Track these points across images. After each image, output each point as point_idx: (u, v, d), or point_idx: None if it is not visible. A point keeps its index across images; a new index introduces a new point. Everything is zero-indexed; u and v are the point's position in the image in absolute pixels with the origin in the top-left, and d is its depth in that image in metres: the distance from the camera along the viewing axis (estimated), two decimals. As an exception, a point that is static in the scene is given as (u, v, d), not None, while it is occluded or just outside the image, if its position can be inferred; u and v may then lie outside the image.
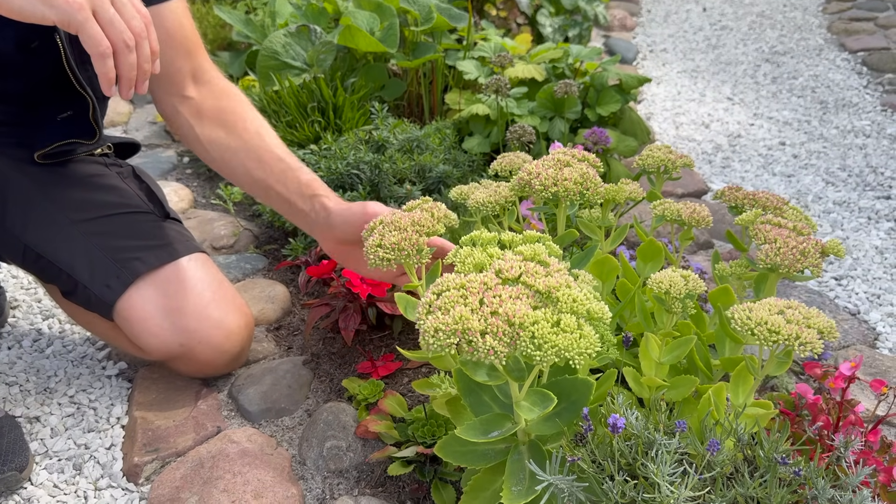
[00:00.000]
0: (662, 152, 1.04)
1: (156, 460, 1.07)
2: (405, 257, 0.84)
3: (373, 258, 0.84)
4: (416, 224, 0.85)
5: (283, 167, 1.11)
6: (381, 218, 0.89)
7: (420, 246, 0.84)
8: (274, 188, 1.11)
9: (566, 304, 0.67)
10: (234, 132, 1.15)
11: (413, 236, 0.84)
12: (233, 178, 1.16)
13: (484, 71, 1.90)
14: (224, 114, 1.16)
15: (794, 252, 0.83)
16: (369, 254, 0.84)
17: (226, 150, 1.14)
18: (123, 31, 0.85)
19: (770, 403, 0.83)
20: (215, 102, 1.17)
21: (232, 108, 1.17)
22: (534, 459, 0.82)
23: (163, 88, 1.17)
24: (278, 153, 1.13)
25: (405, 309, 0.90)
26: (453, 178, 1.64)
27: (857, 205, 1.88)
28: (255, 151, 1.13)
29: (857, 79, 2.77)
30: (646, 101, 2.58)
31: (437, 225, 0.87)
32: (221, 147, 1.15)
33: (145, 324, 1.11)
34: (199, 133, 1.15)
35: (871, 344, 1.36)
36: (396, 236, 0.83)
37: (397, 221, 0.86)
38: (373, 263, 0.84)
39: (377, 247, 0.84)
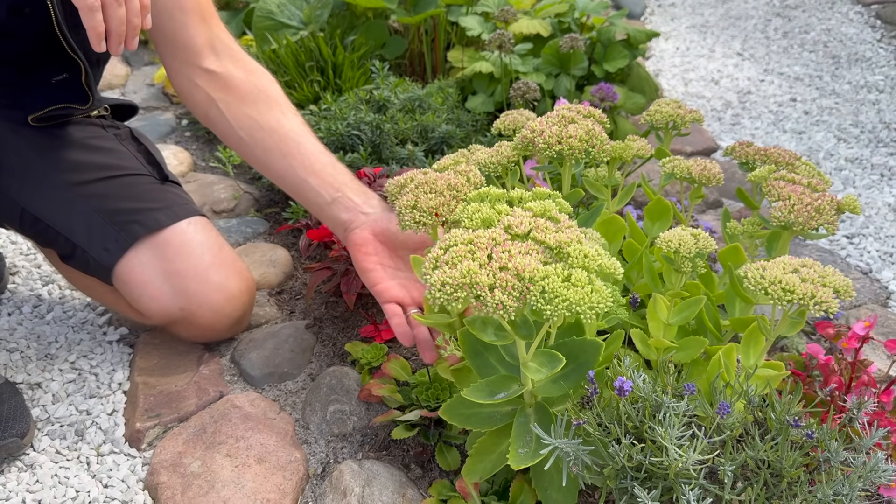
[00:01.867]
0: (671, 107, 1.01)
1: (158, 426, 1.06)
2: (441, 222, 0.81)
3: (407, 219, 0.81)
4: (453, 188, 0.82)
5: (328, 160, 1.06)
6: (411, 175, 0.85)
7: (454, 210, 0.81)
8: (317, 177, 1.04)
9: (577, 260, 0.65)
10: (269, 113, 1.08)
11: (451, 202, 0.81)
12: (261, 161, 1.09)
13: (487, 27, 1.85)
14: (257, 92, 1.10)
15: (809, 209, 0.80)
16: (403, 214, 0.81)
17: (258, 130, 1.08)
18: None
19: (781, 365, 0.81)
20: (245, 77, 1.11)
21: (265, 87, 1.11)
22: (540, 422, 0.80)
23: (178, 58, 1.11)
24: (321, 147, 1.08)
25: (415, 267, 0.87)
26: (456, 138, 1.60)
27: (870, 161, 1.84)
28: (293, 138, 1.07)
29: (870, 32, 2.70)
30: (654, 58, 2.52)
31: (472, 190, 0.84)
32: (253, 126, 1.08)
33: (145, 287, 1.09)
34: (224, 109, 1.09)
35: (883, 303, 1.33)
36: (434, 200, 0.80)
37: (432, 183, 0.82)
38: (405, 225, 0.81)
39: (412, 208, 0.81)
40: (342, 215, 1.02)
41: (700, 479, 0.68)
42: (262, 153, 1.08)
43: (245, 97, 1.09)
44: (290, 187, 1.08)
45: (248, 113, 1.09)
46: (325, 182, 1.04)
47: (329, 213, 1.04)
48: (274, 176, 1.10)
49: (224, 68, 1.10)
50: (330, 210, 1.03)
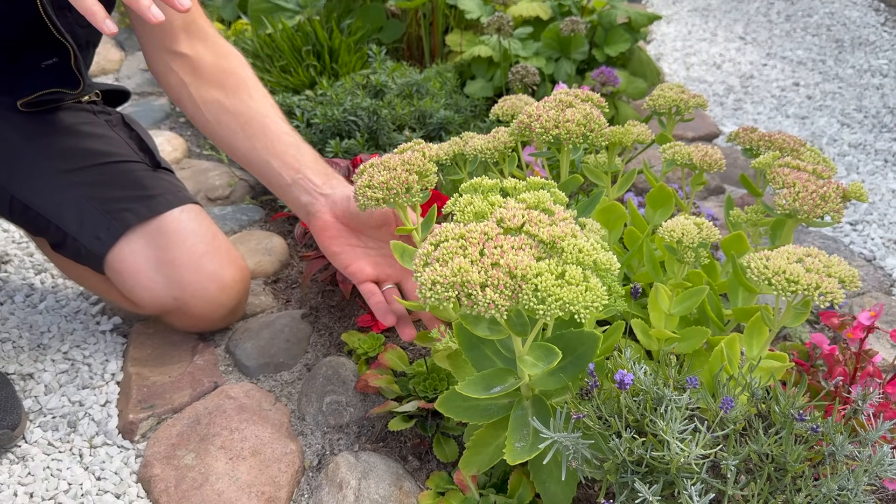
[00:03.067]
0: (674, 91, 0.98)
1: (151, 417, 1.05)
2: (394, 196, 0.79)
3: (362, 199, 0.80)
4: (406, 163, 0.81)
5: (292, 141, 1.05)
6: (371, 161, 0.84)
7: (409, 184, 0.80)
8: (279, 158, 1.03)
9: (571, 255, 0.63)
10: (235, 96, 1.07)
11: (402, 174, 0.79)
12: (227, 143, 1.08)
13: (486, 10, 1.81)
14: (225, 74, 1.09)
15: (815, 196, 0.78)
16: (358, 195, 0.80)
17: (223, 112, 1.06)
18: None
19: (786, 356, 0.79)
20: (215, 60, 1.09)
21: (233, 69, 1.10)
22: (538, 415, 0.79)
23: (154, 41, 1.09)
24: (286, 128, 1.07)
25: (401, 257, 0.86)
26: (455, 123, 1.58)
27: (874, 147, 1.82)
28: (259, 120, 1.05)
29: (874, 16, 2.67)
30: (655, 41, 2.49)
31: (428, 164, 0.82)
32: (219, 108, 1.07)
33: (137, 277, 1.07)
34: (193, 91, 1.08)
35: (888, 291, 1.32)
36: (385, 175, 0.79)
37: (387, 162, 0.81)
38: (362, 205, 0.80)
39: (366, 187, 0.80)
40: (302, 198, 1.00)
41: (702, 473, 0.66)
42: (228, 135, 1.07)
43: (213, 79, 1.08)
44: (255, 169, 1.07)
45: (215, 96, 1.07)
46: (287, 164, 1.02)
47: (290, 195, 1.02)
48: (239, 158, 1.08)
49: (194, 51, 1.09)
50: (291, 192, 1.02)
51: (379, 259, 0.99)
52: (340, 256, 0.98)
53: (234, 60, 1.12)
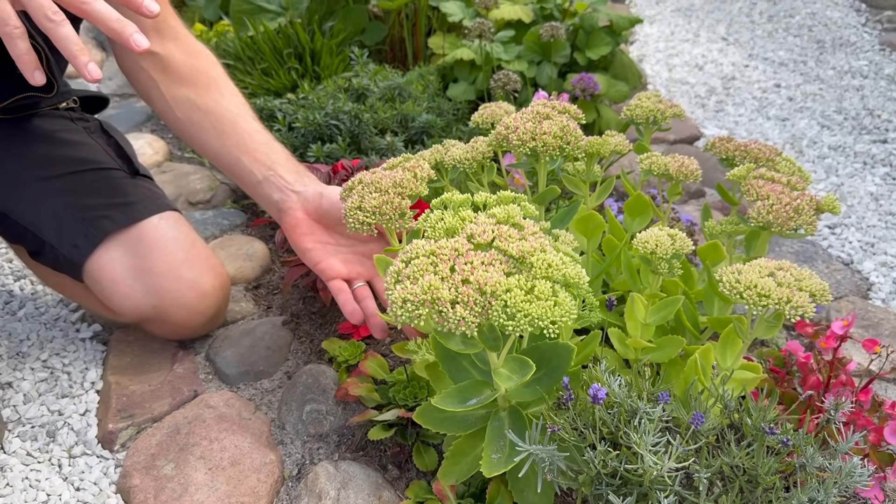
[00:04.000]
0: (651, 101, 0.99)
1: (131, 426, 1.04)
2: (387, 222, 0.79)
3: (352, 221, 0.80)
4: (398, 186, 0.80)
5: (263, 139, 1.05)
6: (360, 177, 0.84)
7: (402, 210, 0.80)
8: (250, 155, 1.03)
9: (541, 270, 0.63)
10: (206, 94, 1.07)
11: (395, 199, 0.79)
12: (198, 141, 1.08)
13: (469, 12, 1.81)
14: (196, 73, 1.09)
15: (788, 209, 0.78)
16: (348, 216, 0.80)
17: (194, 111, 1.06)
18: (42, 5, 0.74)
19: (759, 367, 0.80)
20: (185, 59, 1.09)
21: (204, 69, 1.10)
22: (514, 426, 0.79)
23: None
24: (257, 126, 1.07)
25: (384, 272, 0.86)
26: (437, 127, 1.58)
27: (853, 149, 1.84)
28: (229, 118, 1.05)
29: (855, 16, 2.69)
30: (638, 42, 2.50)
31: (420, 186, 0.82)
32: (189, 107, 1.07)
33: (116, 285, 1.07)
34: (164, 90, 1.07)
35: (864, 295, 1.33)
36: (378, 199, 0.79)
37: (378, 182, 0.81)
38: (352, 227, 0.80)
39: (356, 209, 0.79)
40: (274, 195, 1.00)
41: (675, 485, 0.67)
42: (199, 133, 1.07)
43: (184, 78, 1.08)
44: (226, 167, 1.06)
45: (186, 94, 1.07)
46: (258, 160, 1.02)
47: (261, 192, 1.02)
48: (210, 156, 1.08)
49: (166, 50, 1.08)
50: (262, 189, 1.02)
51: (350, 256, 1.00)
52: (311, 253, 0.99)
53: (205, 59, 1.12)
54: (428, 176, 0.83)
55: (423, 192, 0.82)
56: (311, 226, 0.99)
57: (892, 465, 0.87)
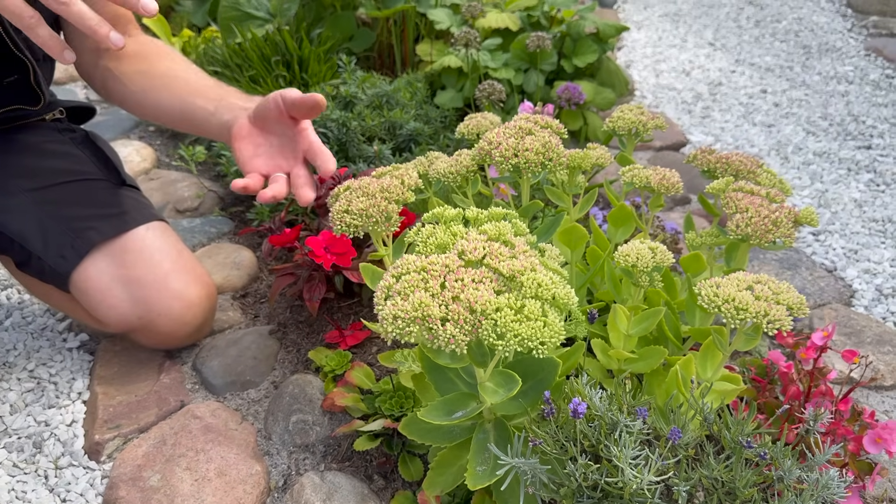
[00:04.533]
0: (634, 113, 1.00)
1: (118, 437, 1.05)
2: (373, 224, 0.80)
3: (339, 224, 0.80)
4: (386, 191, 0.81)
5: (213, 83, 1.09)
6: (347, 184, 0.85)
7: (389, 213, 0.80)
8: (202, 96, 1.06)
9: (531, 290, 0.64)
10: (158, 62, 1.11)
11: (382, 203, 0.80)
12: (154, 105, 1.10)
13: (456, 20, 1.82)
14: (148, 51, 1.13)
15: (766, 222, 0.79)
16: (336, 219, 0.81)
17: (146, 78, 1.10)
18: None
19: (739, 378, 0.81)
20: (138, 47, 1.13)
21: (157, 47, 1.14)
22: (498, 438, 0.80)
23: (84, 42, 1.12)
24: (209, 79, 1.11)
25: (370, 280, 0.86)
26: (425, 135, 1.58)
27: (838, 155, 1.85)
28: (181, 76, 1.10)
29: (841, 21, 2.71)
30: (626, 48, 2.51)
31: (407, 192, 0.83)
32: (142, 77, 1.10)
33: (102, 296, 1.07)
34: (118, 73, 1.10)
35: (847, 302, 1.34)
36: (364, 202, 0.79)
37: (365, 187, 0.82)
38: (339, 229, 0.81)
39: (344, 212, 0.80)
40: (225, 117, 1.02)
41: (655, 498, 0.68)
42: (154, 96, 1.09)
43: (136, 57, 1.12)
44: (182, 117, 1.08)
45: (138, 68, 1.10)
46: (210, 97, 1.05)
47: (216, 121, 1.03)
48: (166, 114, 1.10)
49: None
50: (216, 119, 1.03)
51: (274, 152, 1.00)
52: (241, 152, 0.99)
53: (158, 44, 1.16)
54: (415, 183, 0.84)
55: (410, 199, 0.82)
56: (251, 130, 1.00)
57: (871, 473, 0.88)
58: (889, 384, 1.14)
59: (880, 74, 2.29)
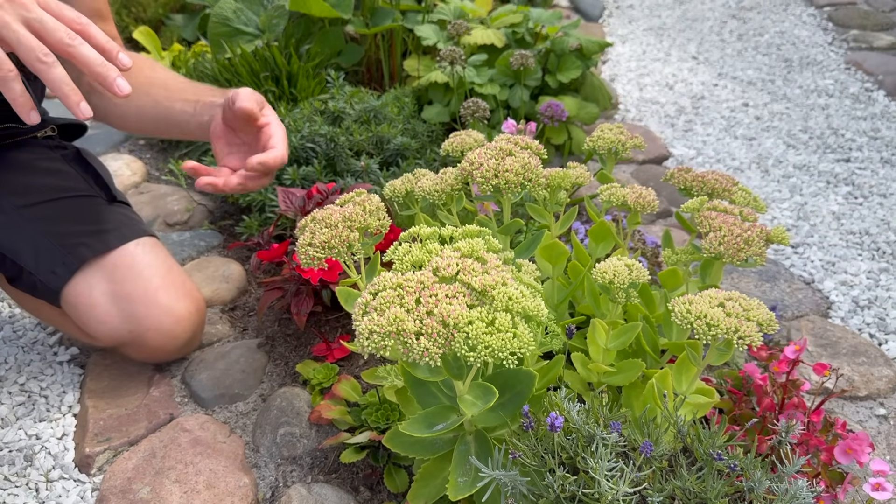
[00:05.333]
0: (613, 133, 1.03)
1: (108, 450, 1.06)
2: (336, 255, 0.82)
3: (304, 258, 0.82)
4: (348, 220, 0.83)
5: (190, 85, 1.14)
6: (313, 215, 0.86)
7: (350, 242, 0.82)
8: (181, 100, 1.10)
9: (501, 303, 0.66)
10: (139, 73, 1.13)
11: (344, 233, 0.82)
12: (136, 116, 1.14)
13: (443, 35, 1.85)
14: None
15: (739, 241, 0.82)
16: (300, 253, 0.83)
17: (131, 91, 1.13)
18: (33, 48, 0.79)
19: (713, 391, 0.84)
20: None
21: (139, 60, 1.17)
22: (480, 450, 0.82)
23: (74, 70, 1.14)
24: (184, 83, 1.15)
25: (346, 302, 0.89)
26: (412, 149, 1.61)
27: (817, 168, 1.89)
28: (160, 82, 1.13)
29: (822, 35, 2.76)
30: (611, 62, 2.55)
31: (370, 219, 0.85)
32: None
33: (93, 311, 1.09)
34: (100, 89, 1.12)
35: (824, 313, 1.37)
36: (327, 234, 0.81)
37: (328, 218, 0.83)
38: (305, 263, 0.83)
39: (307, 245, 0.82)
40: (204, 118, 1.06)
41: (629, 509, 0.70)
42: (137, 109, 1.13)
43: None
44: (164, 122, 1.12)
45: None
46: (188, 101, 1.09)
47: (196, 122, 1.08)
48: (150, 120, 1.14)
49: None
50: (196, 120, 1.07)
51: (245, 150, 1.04)
52: (217, 152, 1.04)
53: (139, 57, 1.19)
54: (378, 208, 0.86)
55: (373, 225, 0.84)
56: (225, 130, 1.04)
57: (842, 483, 0.91)
58: (864, 394, 1.17)
59: (860, 88, 2.34)
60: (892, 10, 2.90)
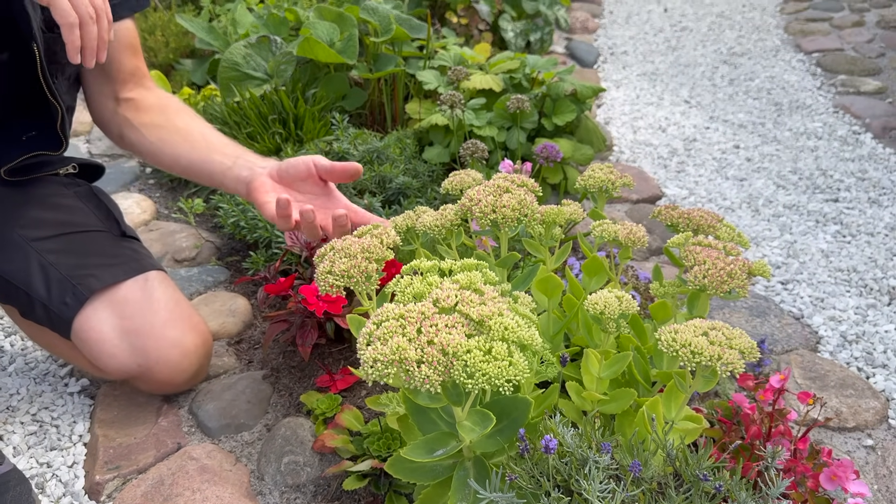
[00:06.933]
0: (603, 172, 1.08)
1: (117, 478, 1.09)
2: (354, 284, 0.87)
3: (323, 284, 0.87)
4: (366, 251, 0.88)
5: (229, 141, 1.19)
6: (331, 244, 0.92)
7: (369, 273, 0.87)
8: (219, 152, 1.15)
9: (498, 332, 0.71)
10: (177, 118, 1.21)
11: (363, 263, 0.87)
12: (171, 157, 1.19)
13: (444, 80, 1.93)
14: (165, 106, 1.23)
15: (722, 273, 0.87)
16: (319, 280, 0.87)
17: (164, 131, 1.19)
18: (87, 5, 0.93)
19: (701, 418, 0.88)
20: (157, 100, 1.24)
21: (173, 103, 1.25)
22: (478, 475, 0.86)
23: (103, 91, 1.22)
24: (225, 139, 1.20)
25: (356, 329, 0.93)
26: (413, 188, 1.67)
27: (807, 208, 1.95)
28: (198, 131, 1.19)
29: (811, 80, 2.85)
30: (605, 106, 2.63)
31: (386, 251, 0.90)
32: (160, 129, 1.20)
33: (102, 345, 1.13)
34: (136, 122, 1.20)
35: (813, 348, 1.41)
36: (346, 263, 0.86)
37: (347, 248, 0.89)
38: (323, 289, 0.88)
39: (327, 273, 0.87)
40: (243, 173, 1.11)
41: (620, 528, 0.74)
42: (172, 150, 1.19)
43: (154, 110, 1.22)
44: (198, 168, 1.17)
45: (156, 121, 1.21)
46: (227, 154, 1.15)
47: (232, 175, 1.12)
48: (183, 166, 1.19)
49: (139, 95, 1.23)
50: (232, 172, 1.12)
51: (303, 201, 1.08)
52: (268, 205, 1.05)
53: (174, 99, 1.27)
54: (394, 242, 0.91)
55: (389, 257, 0.89)
56: (274, 185, 1.09)
57: (828, 508, 0.94)
58: (851, 426, 1.21)
59: (847, 131, 2.41)
60: (878, 56, 2.99)
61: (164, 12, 2.73)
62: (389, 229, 0.91)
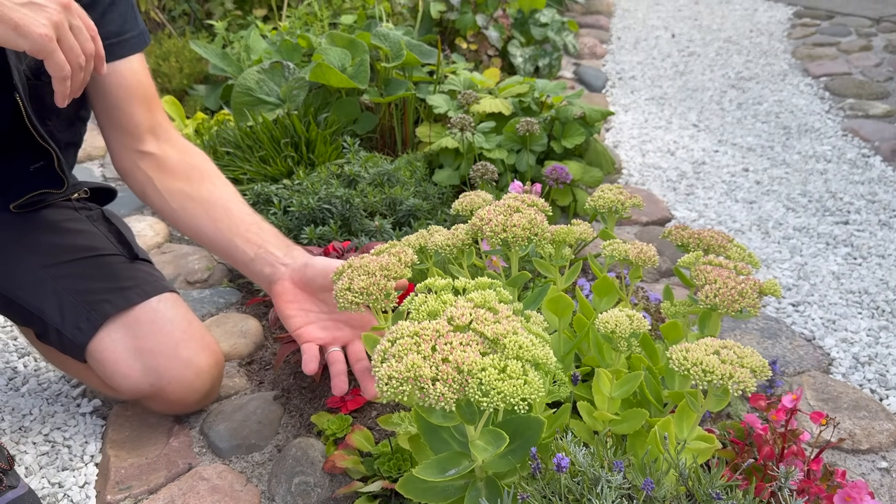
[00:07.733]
0: (613, 193, 1.09)
1: (128, 498, 1.10)
2: (373, 301, 0.88)
3: (342, 301, 0.88)
4: (385, 269, 0.89)
5: (253, 220, 1.16)
6: (350, 261, 0.93)
7: (388, 290, 0.88)
8: (241, 236, 1.13)
9: (512, 351, 0.71)
10: (200, 185, 1.18)
11: (381, 281, 0.88)
12: (192, 228, 1.18)
13: (454, 104, 1.95)
14: (189, 168, 1.20)
15: (733, 293, 0.87)
16: (339, 296, 0.88)
17: (189, 201, 1.17)
18: (79, 55, 0.93)
19: (713, 437, 0.87)
20: (180, 157, 1.20)
21: (198, 164, 1.22)
22: (490, 495, 0.85)
23: (122, 143, 1.19)
24: (248, 210, 1.18)
25: (371, 348, 0.94)
26: (423, 210, 1.68)
27: (817, 230, 1.95)
28: (222, 205, 1.17)
29: (819, 104, 2.86)
30: (614, 129, 2.64)
31: (405, 270, 0.91)
32: (184, 197, 1.17)
33: (117, 366, 1.13)
34: (159, 185, 1.17)
35: (825, 369, 1.41)
36: (365, 281, 0.87)
37: (366, 266, 0.90)
38: (342, 306, 0.88)
39: (346, 290, 0.88)
40: (265, 270, 1.11)
41: (633, 548, 0.74)
42: (193, 221, 1.17)
43: (178, 173, 1.19)
44: (220, 249, 1.17)
45: (180, 187, 1.18)
46: (249, 241, 1.13)
47: (253, 268, 1.12)
48: (205, 240, 1.18)
49: (161, 150, 1.20)
50: (254, 266, 1.12)
51: (328, 323, 1.08)
52: (292, 320, 1.07)
53: (198, 157, 1.24)
54: (411, 261, 0.92)
55: (408, 275, 0.90)
56: (297, 293, 1.08)
57: (843, 530, 0.93)
58: (865, 448, 1.20)
59: (857, 153, 2.41)
60: (886, 80, 3.00)
61: (178, 39, 2.78)
62: (407, 249, 0.92)
